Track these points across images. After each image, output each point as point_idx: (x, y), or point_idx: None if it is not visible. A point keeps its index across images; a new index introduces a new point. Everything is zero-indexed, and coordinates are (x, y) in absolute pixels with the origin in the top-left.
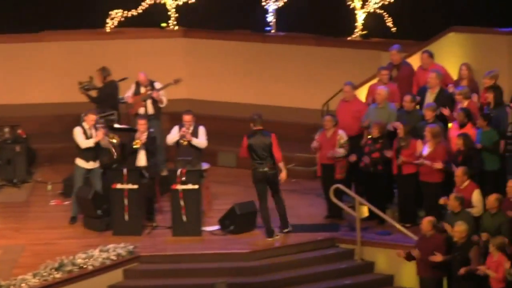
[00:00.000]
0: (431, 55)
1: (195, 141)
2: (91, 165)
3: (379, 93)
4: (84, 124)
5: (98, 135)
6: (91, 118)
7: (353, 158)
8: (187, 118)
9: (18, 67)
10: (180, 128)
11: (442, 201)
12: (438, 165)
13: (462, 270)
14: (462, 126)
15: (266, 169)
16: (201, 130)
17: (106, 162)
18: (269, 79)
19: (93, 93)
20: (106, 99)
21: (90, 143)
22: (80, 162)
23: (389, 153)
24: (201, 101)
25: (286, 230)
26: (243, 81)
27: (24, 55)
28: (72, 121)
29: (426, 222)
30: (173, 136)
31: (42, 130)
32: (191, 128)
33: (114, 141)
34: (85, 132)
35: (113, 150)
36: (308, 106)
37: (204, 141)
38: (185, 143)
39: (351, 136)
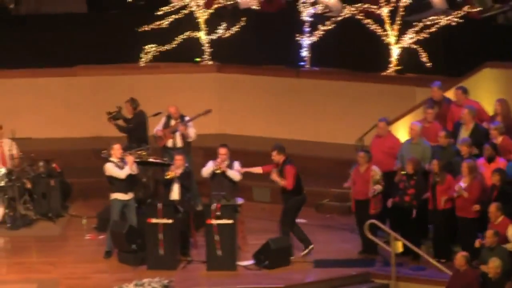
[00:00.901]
0: (465, 91)
1: (230, 172)
2: (129, 196)
3: (413, 128)
4: (112, 158)
5: (129, 161)
6: (116, 148)
7: (389, 203)
8: (222, 151)
9: (52, 101)
10: (213, 162)
11: (477, 243)
12: (476, 207)
13: None
14: (489, 160)
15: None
16: (236, 164)
17: (141, 197)
18: (303, 114)
19: (121, 123)
20: (136, 128)
21: (127, 171)
22: (117, 195)
23: (426, 195)
24: (235, 136)
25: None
26: (277, 116)
27: (58, 89)
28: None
29: (460, 257)
30: (208, 168)
31: (76, 164)
32: (226, 162)
33: (144, 153)
34: (117, 165)
35: (148, 159)
36: (342, 141)
37: (238, 174)
38: (219, 171)
39: (385, 171)
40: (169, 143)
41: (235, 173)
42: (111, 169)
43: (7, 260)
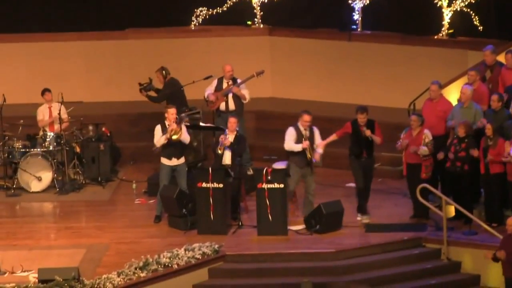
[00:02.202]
0: None
1: (320, 148)
2: (174, 162)
3: (464, 92)
4: (166, 121)
5: (171, 125)
6: (171, 112)
7: (440, 156)
8: (307, 118)
9: (102, 65)
10: (295, 130)
11: None
12: None
13: None
14: None
15: None
16: (316, 131)
17: (191, 161)
18: (354, 77)
19: (153, 94)
20: (170, 98)
21: (162, 140)
22: (163, 160)
23: (475, 152)
24: (286, 100)
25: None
26: (328, 80)
27: (108, 52)
28: (155, 119)
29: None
30: (296, 145)
31: (125, 128)
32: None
33: (198, 115)
34: (164, 130)
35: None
36: (394, 105)
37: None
38: (321, 150)
39: (437, 135)
40: (222, 106)
41: (322, 148)
42: (155, 133)
43: (56, 225)
